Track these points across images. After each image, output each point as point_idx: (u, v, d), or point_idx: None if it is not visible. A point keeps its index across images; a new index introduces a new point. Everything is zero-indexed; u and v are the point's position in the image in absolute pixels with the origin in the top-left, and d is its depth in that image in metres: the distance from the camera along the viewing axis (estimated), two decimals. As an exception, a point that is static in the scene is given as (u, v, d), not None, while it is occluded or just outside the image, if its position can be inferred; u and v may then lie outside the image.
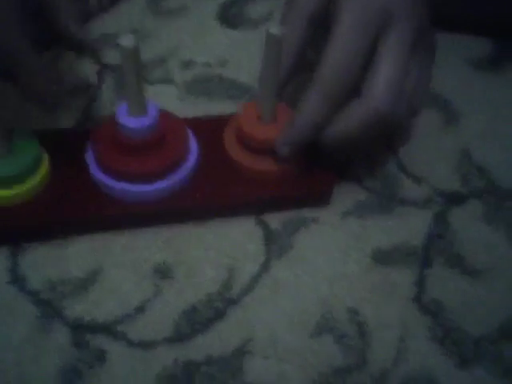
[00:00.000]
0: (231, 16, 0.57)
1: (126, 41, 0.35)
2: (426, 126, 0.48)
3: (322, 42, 0.38)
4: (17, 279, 0.38)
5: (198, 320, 0.37)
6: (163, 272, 0.39)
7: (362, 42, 0.37)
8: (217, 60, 0.53)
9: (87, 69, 0.52)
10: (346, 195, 0.43)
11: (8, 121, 0.40)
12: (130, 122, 0.39)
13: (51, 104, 0.39)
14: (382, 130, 0.39)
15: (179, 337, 0.37)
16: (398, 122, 0.39)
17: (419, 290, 0.39)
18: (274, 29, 0.36)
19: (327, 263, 0.40)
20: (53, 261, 0.39)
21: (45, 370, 0.35)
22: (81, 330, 0.37)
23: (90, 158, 0.41)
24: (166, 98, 0.49)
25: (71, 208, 0.40)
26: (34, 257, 0.39)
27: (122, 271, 0.39)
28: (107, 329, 0.37)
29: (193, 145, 0.43)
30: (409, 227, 0.42)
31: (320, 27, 0.42)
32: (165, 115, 0.41)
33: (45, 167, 0.41)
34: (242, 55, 0.53)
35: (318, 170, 0.42)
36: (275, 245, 0.41)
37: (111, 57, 0.53)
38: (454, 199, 0.44)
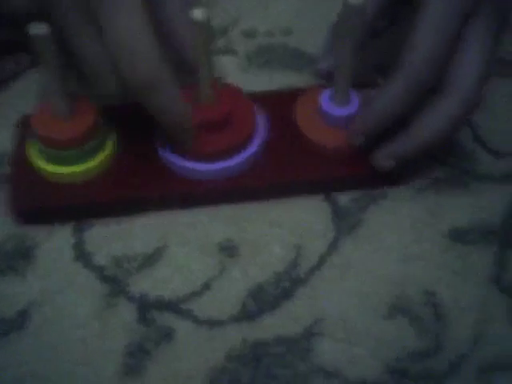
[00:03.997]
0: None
1: (199, 14, 0.33)
2: (503, 97, 0.45)
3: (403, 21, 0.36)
4: (82, 255, 0.38)
5: (265, 299, 0.36)
6: (229, 250, 0.38)
7: (453, 28, 0.35)
8: (280, 29, 0.51)
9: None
10: (420, 170, 0.41)
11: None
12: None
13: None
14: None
15: (246, 316, 0.36)
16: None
17: (499, 271, 0.37)
18: None
19: (400, 242, 0.38)
20: (118, 237, 0.39)
21: (111, 348, 0.35)
22: (147, 307, 0.36)
23: (156, 134, 0.40)
24: (229, 70, 0.48)
25: (136, 186, 0.39)
26: (99, 233, 0.39)
27: (186, 248, 0.38)
28: (174, 306, 0.36)
29: (261, 121, 0.41)
30: (487, 204, 0.40)
31: None
32: (231, 91, 0.40)
33: (111, 143, 0.40)
34: (307, 23, 0.51)
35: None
36: (344, 222, 0.39)
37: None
38: (536, 174, 0.41)
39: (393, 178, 0.40)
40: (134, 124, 0.41)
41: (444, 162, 0.42)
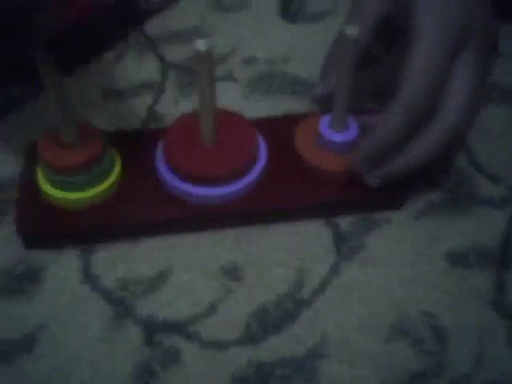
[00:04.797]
0: (292, 10, 0.56)
1: (201, 45, 0.34)
2: (499, 123, 0.47)
3: (395, 49, 0.38)
4: (89, 278, 0.39)
5: (269, 321, 0.37)
6: (232, 273, 0.39)
7: (445, 59, 0.37)
8: (279, 56, 0.52)
9: (150, 66, 0.52)
10: (419, 195, 0.42)
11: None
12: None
13: None
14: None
15: (251, 337, 0.36)
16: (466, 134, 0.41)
17: (497, 293, 0.38)
18: (351, 28, 0.35)
19: (400, 265, 0.39)
20: (124, 260, 0.39)
21: (119, 369, 0.35)
22: (154, 329, 0.37)
23: (159, 159, 0.41)
24: (230, 96, 0.49)
25: (141, 211, 0.40)
26: (106, 256, 0.40)
27: (191, 271, 0.39)
28: (180, 328, 0.37)
29: (262, 147, 0.42)
30: (485, 228, 0.41)
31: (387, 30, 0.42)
32: (234, 117, 0.41)
33: (116, 169, 0.41)
34: (305, 50, 0.53)
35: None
36: (345, 246, 0.40)
37: (174, 54, 0.52)
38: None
39: (392, 201, 0.41)
40: (138, 150, 0.42)
41: (443, 187, 0.43)
